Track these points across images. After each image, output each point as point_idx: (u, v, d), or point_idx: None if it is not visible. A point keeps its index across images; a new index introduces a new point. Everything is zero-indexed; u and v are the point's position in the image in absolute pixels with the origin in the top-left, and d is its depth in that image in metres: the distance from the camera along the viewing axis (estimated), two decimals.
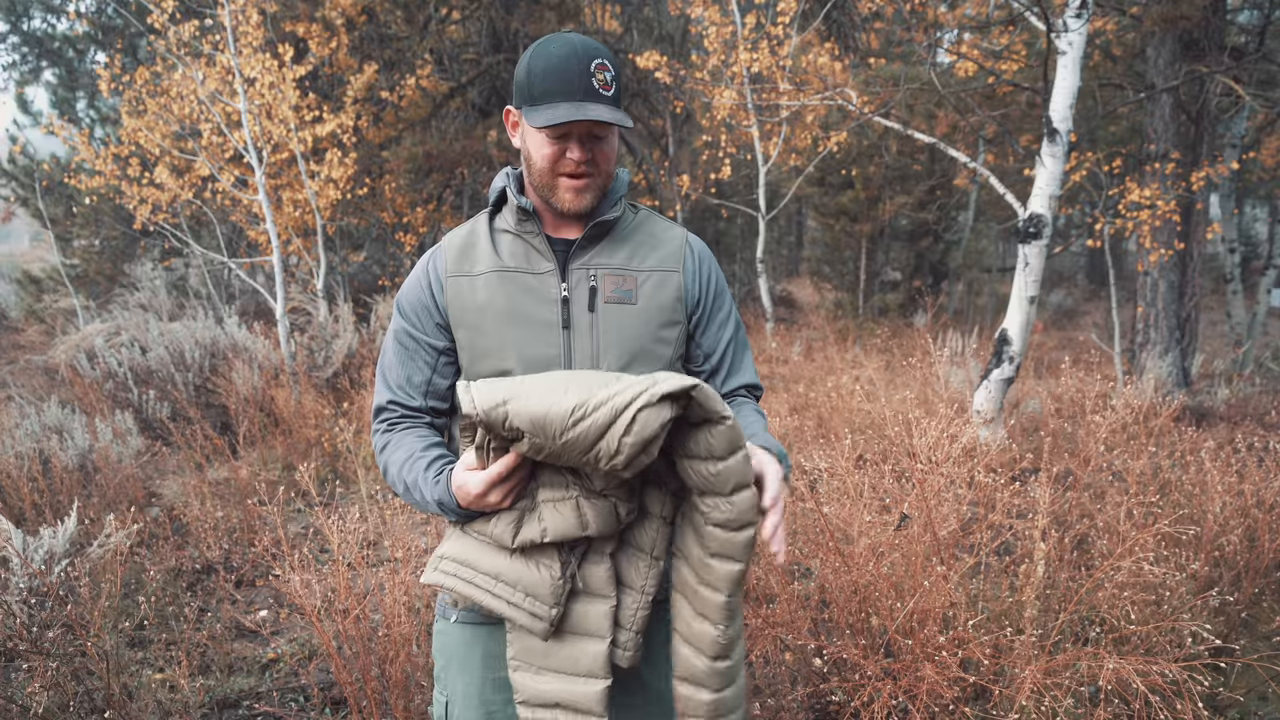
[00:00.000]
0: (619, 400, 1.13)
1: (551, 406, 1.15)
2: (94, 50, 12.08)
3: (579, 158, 1.34)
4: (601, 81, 1.31)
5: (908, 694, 2.25)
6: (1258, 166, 10.91)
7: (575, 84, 1.29)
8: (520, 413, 1.15)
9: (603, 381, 1.18)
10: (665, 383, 1.14)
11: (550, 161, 1.35)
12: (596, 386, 1.17)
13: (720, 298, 1.50)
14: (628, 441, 1.12)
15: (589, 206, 1.39)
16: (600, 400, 1.14)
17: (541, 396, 1.16)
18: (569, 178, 1.36)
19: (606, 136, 1.36)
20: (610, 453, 1.14)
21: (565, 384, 1.19)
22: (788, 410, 5.81)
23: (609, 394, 1.15)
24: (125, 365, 6.05)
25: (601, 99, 1.31)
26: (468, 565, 1.32)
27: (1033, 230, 5.11)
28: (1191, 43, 6.91)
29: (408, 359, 1.46)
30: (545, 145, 1.35)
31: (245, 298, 11.95)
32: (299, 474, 3.31)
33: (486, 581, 1.30)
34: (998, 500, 2.87)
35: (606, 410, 1.13)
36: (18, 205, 11.69)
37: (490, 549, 1.32)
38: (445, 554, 1.34)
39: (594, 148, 1.35)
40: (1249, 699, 2.63)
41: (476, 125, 9.03)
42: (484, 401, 1.17)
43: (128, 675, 2.76)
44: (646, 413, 1.12)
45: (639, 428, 1.12)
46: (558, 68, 1.31)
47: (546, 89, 1.31)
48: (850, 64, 9.64)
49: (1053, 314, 13.65)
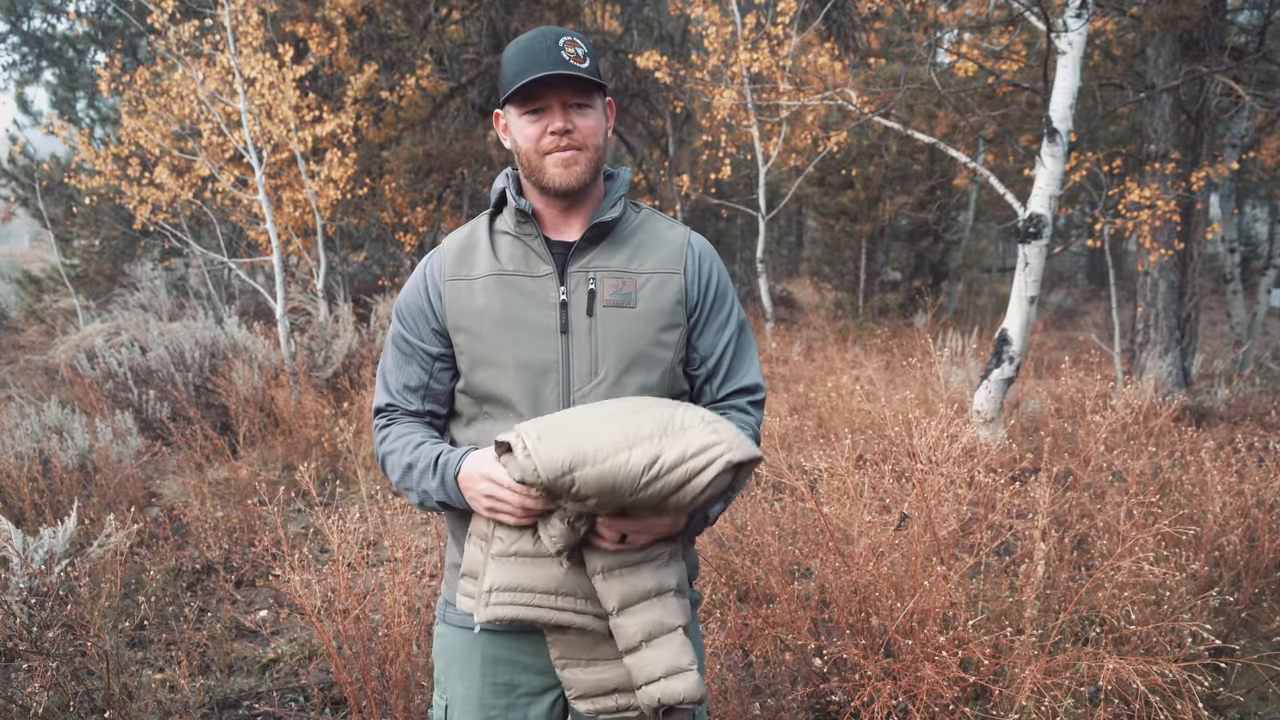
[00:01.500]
0: (694, 464, 1.17)
1: (619, 469, 1.14)
2: (94, 50, 12.07)
3: (559, 127, 1.33)
4: (572, 55, 1.31)
5: (908, 694, 2.25)
6: (1258, 166, 10.91)
7: (543, 57, 1.30)
8: (589, 480, 1.14)
9: (660, 425, 1.20)
10: (737, 450, 1.19)
11: (533, 141, 1.35)
12: (657, 434, 1.18)
13: (721, 299, 1.47)
14: (702, 498, 1.19)
15: (580, 181, 1.36)
16: (672, 461, 1.16)
17: (607, 457, 1.15)
18: (554, 153, 1.35)
19: (587, 109, 1.35)
20: (680, 505, 1.20)
21: (623, 432, 1.18)
22: (788, 410, 5.81)
23: (679, 453, 1.17)
24: (125, 365, 6.05)
25: (573, 69, 1.31)
26: (524, 590, 1.28)
27: (1033, 230, 5.11)
28: (1191, 43, 6.91)
29: (405, 363, 1.46)
30: (526, 126, 1.35)
31: (245, 298, 11.95)
32: (299, 474, 3.31)
33: (547, 599, 1.28)
34: (998, 500, 2.88)
35: (680, 473, 1.17)
36: (18, 205, 11.69)
37: (540, 565, 1.29)
38: (495, 585, 1.28)
39: (574, 118, 1.34)
40: (1249, 699, 2.63)
41: (476, 125, 9.04)
42: (548, 471, 1.14)
43: (128, 675, 2.76)
44: (721, 478, 1.18)
45: (713, 490, 1.19)
46: (525, 47, 1.32)
47: (518, 70, 1.32)
48: (850, 64, 9.64)
49: (1053, 314, 13.65)
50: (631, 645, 1.27)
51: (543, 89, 1.32)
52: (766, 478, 3.92)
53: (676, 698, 1.23)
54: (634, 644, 1.27)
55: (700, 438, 1.19)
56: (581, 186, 1.37)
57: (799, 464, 4.16)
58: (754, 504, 3.41)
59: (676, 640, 1.27)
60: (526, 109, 1.35)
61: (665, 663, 1.25)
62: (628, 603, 1.27)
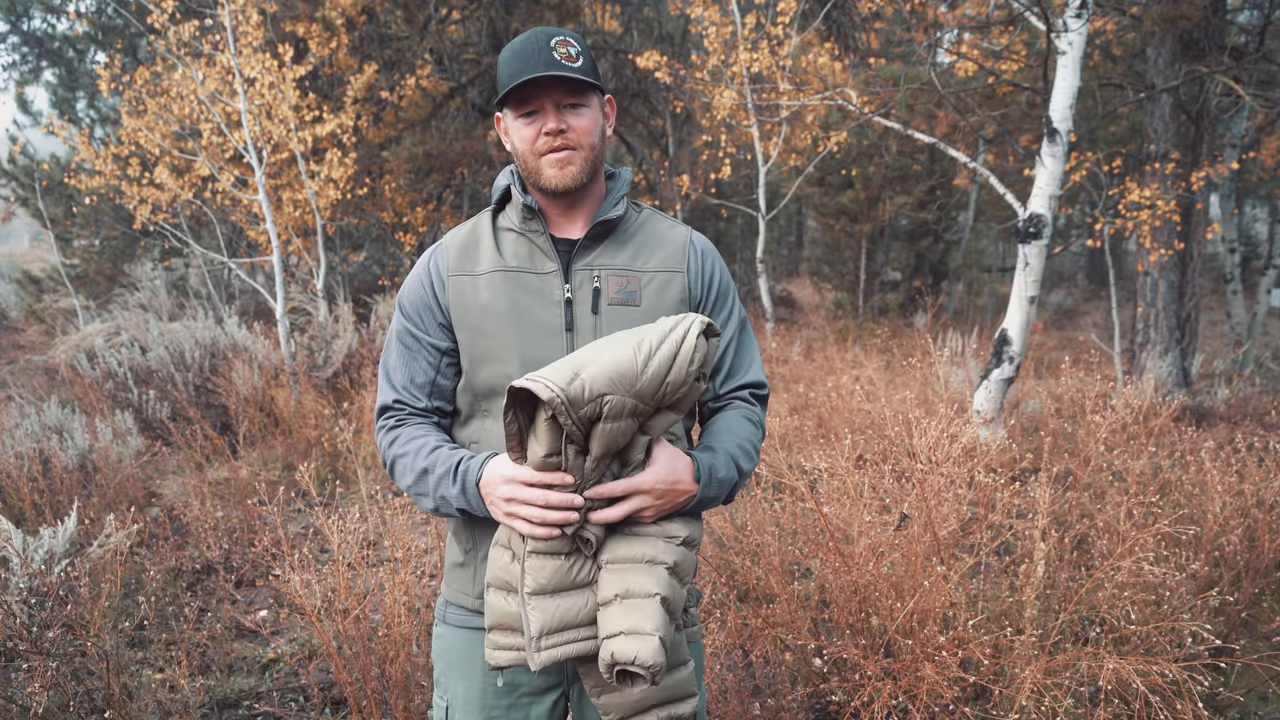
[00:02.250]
0: (675, 335, 1.23)
1: (618, 358, 1.20)
2: (94, 50, 12.07)
3: (553, 128, 1.34)
4: (564, 54, 1.32)
5: (908, 694, 2.25)
6: (1258, 166, 10.91)
7: (535, 58, 1.31)
8: (596, 376, 1.18)
9: (634, 331, 1.27)
10: (696, 319, 1.26)
11: (529, 142, 1.36)
12: (635, 333, 1.26)
13: (723, 297, 1.48)
14: (694, 369, 1.23)
15: (576, 180, 1.37)
16: (656, 338, 1.23)
17: (600, 355, 1.21)
18: (549, 154, 1.36)
19: (581, 108, 1.36)
20: (679, 384, 1.23)
21: (603, 344, 1.25)
22: (788, 410, 5.81)
23: (659, 332, 1.24)
24: (125, 365, 6.05)
25: (565, 69, 1.31)
26: (571, 627, 1.27)
27: (1033, 230, 5.11)
28: (1191, 43, 6.91)
29: (410, 359, 1.44)
30: (522, 128, 1.36)
31: (245, 298, 11.95)
32: (299, 474, 3.31)
33: (590, 630, 1.27)
34: (998, 500, 2.88)
35: (668, 345, 1.22)
36: (18, 205, 11.68)
37: (577, 596, 1.28)
38: (546, 630, 1.26)
39: (568, 118, 1.35)
40: (1249, 699, 2.63)
41: (476, 125, 9.03)
42: (559, 380, 1.17)
43: (128, 675, 2.76)
44: (701, 342, 1.24)
45: (700, 358, 1.23)
46: (518, 49, 1.33)
47: (511, 72, 1.32)
48: (850, 64, 9.64)
49: (1053, 314, 13.65)
50: (605, 599, 1.25)
51: (535, 90, 1.33)
52: (766, 478, 3.92)
53: (628, 657, 1.17)
54: (607, 598, 1.24)
55: (668, 321, 1.26)
56: (578, 186, 1.38)
57: (799, 464, 4.17)
58: (754, 504, 3.41)
59: (650, 606, 1.23)
60: (521, 111, 1.36)
61: (629, 622, 1.21)
62: (615, 560, 1.27)
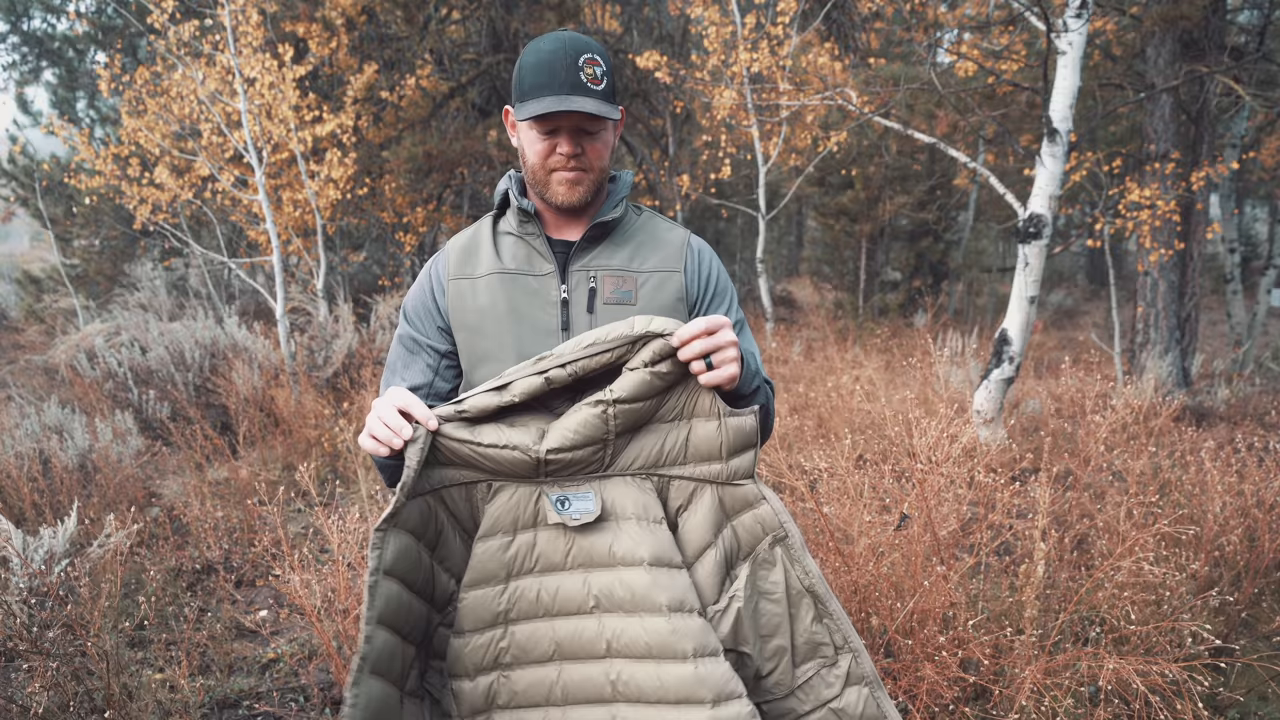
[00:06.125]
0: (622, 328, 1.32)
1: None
2: (94, 50, 12.07)
3: (568, 151, 1.34)
4: (590, 76, 1.30)
5: (908, 694, 2.25)
6: (1258, 166, 10.91)
7: (562, 77, 1.29)
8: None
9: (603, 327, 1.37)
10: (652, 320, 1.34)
11: (541, 157, 1.36)
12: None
13: (721, 296, 1.49)
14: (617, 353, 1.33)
15: (583, 200, 1.38)
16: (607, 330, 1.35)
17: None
18: (560, 172, 1.36)
19: (598, 132, 1.35)
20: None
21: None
22: (788, 410, 5.81)
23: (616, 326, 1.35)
24: (125, 365, 6.05)
25: (590, 93, 1.30)
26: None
27: (1033, 230, 5.11)
28: (1191, 43, 6.91)
29: (410, 361, 1.47)
30: (536, 141, 1.35)
31: (245, 298, 11.95)
32: (299, 474, 3.31)
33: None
34: (998, 500, 2.88)
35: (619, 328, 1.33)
36: (18, 205, 11.69)
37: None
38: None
39: (584, 143, 1.35)
40: (1249, 699, 2.63)
41: (476, 125, 9.03)
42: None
43: (128, 675, 2.76)
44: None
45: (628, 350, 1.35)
46: (546, 62, 1.31)
47: (535, 83, 1.31)
48: (850, 64, 9.63)
49: (1053, 314, 13.65)
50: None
51: (558, 115, 1.32)
52: (766, 478, 3.92)
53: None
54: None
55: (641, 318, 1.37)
56: (584, 204, 1.40)
57: (799, 464, 4.16)
58: None
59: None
60: (538, 126, 1.34)
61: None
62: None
